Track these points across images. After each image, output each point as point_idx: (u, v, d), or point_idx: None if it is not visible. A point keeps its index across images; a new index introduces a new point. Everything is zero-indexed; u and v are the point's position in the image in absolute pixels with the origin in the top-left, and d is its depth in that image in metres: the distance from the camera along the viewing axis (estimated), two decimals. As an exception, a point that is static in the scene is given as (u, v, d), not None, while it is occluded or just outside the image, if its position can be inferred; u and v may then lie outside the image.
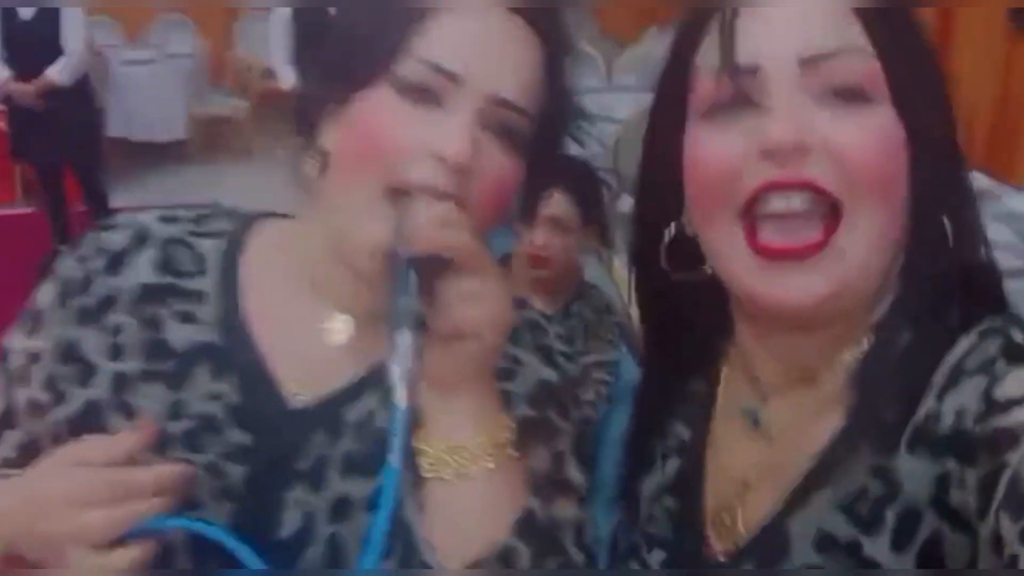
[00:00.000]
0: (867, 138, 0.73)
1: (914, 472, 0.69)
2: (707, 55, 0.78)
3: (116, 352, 0.87)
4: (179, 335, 0.88)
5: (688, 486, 0.88)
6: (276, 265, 0.91)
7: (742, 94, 0.74)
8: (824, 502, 0.74)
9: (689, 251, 0.82)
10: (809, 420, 0.79)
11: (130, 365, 0.86)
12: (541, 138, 0.85)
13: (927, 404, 0.70)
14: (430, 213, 0.76)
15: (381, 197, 0.79)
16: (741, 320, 0.86)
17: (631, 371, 2.30)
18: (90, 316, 0.88)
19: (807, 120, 0.72)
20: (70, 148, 5.45)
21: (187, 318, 0.88)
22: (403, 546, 0.78)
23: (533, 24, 0.83)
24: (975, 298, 0.76)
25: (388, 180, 0.79)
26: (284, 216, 0.95)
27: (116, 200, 5.84)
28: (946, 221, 0.77)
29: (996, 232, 2.99)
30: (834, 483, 0.74)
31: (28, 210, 6.35)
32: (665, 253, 0.85)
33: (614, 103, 5.27)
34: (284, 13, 6.10)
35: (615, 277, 2.79)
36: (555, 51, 0.86)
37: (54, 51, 5.31)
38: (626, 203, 2.42)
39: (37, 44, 5.29)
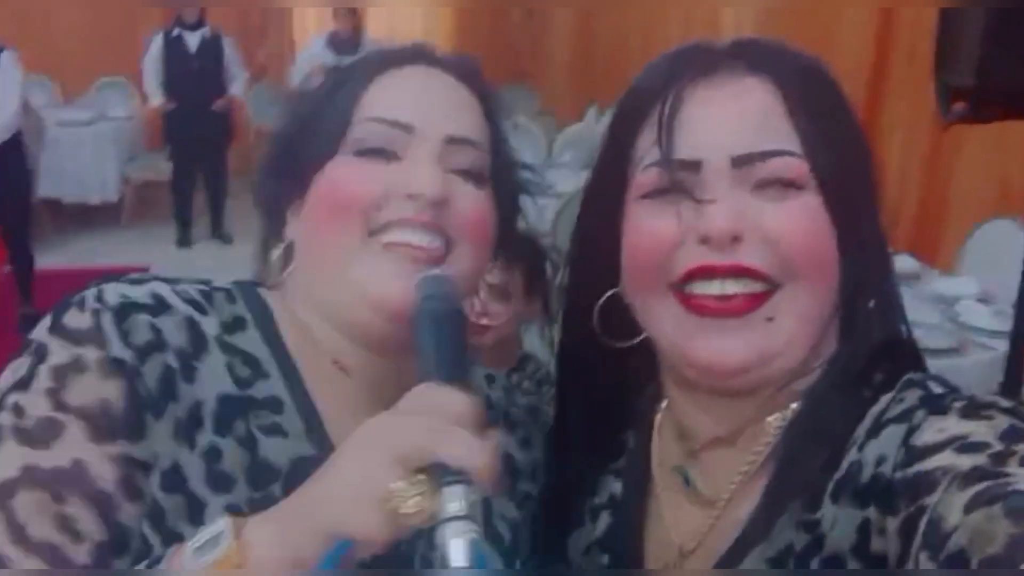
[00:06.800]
0: (798, 223, 0.76)
1: (837, 521, 0.71)
2: (646, 146, 0.80)
3: (220, 481, 0.75)
4: (274, 451, 0.78)
5: (621, 542, 0.89)
6: (306, 351, 0.84)
7: (679, 185, 0.77)
8: (754, 561, 0.76)
9: (622, 318, 0.85)
10: (738, 481, 0.81)
11: (238, 496, 0.75)
12: (498, 178, 0.89)
13: (850, 455, 0.72)
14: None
15: (367, 248, 0.81)
16: (671, 384, 0.87)
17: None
18: (183, 432, 0.74)
19: (741, 209, 0.76)
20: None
21: (274, 431, 0.79)
22: None
23: (460, 77, 0.89)
24: (897, 368, 0.79)
25: (366, 225, 0.81)
26: (257, 285, 0.89)
27: (42, 262, 5.69)
28: (871, 299, 0.80)
29: (923, 314, 3.05)
30: (764, 542, 0.75)
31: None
32: (598, 318, 0.86)
33: (554, 179, 5.32)
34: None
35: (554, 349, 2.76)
36: (486, 99, 0.91)
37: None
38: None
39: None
